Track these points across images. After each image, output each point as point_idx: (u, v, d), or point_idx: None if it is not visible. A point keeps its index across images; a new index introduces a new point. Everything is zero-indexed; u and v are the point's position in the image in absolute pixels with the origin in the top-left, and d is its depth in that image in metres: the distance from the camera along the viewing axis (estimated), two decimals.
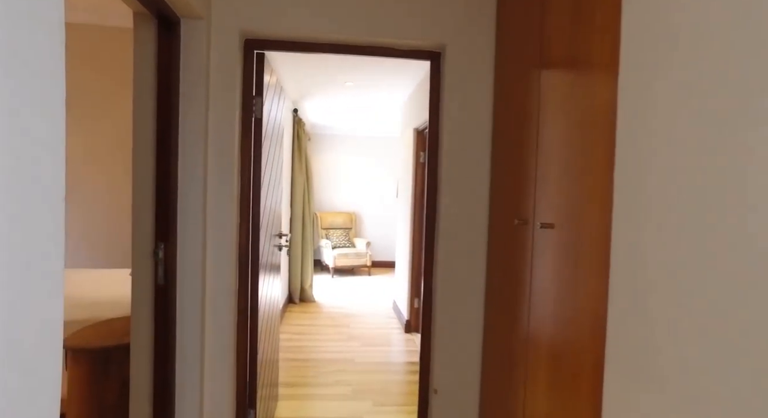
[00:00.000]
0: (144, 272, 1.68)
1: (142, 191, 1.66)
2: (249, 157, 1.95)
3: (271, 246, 2.55)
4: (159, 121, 1.65)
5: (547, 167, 1.45)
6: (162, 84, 1.65)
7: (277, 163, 2.59)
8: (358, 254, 7.24)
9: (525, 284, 1.58)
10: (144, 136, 1.65)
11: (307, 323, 4.71)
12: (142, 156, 1.66)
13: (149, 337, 1.72)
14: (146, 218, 1.66)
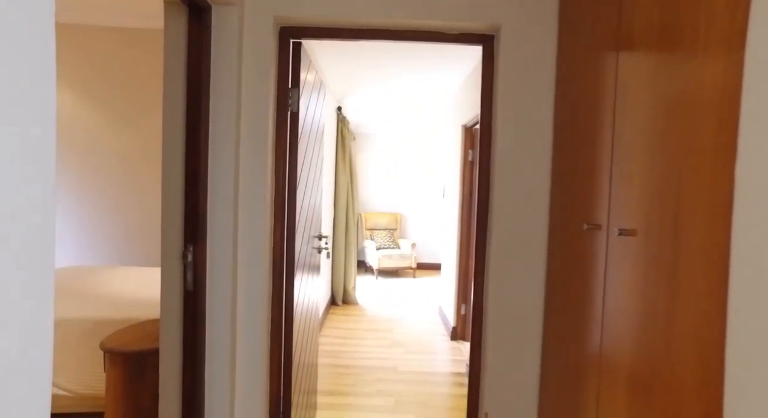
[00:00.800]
0: (173, 276, 1.59)
1: (171, 189, 1.57)
2: (284, 153, 1.82)
3: (310, 248, 2.42)
4: (189, 115, 1.55)
5: (626, 163, 1.21)
6: (192, 76, 1.55)
7: (316, 161, 2.46)
8: (403, 256, 7.07)
9: (596, 298, 1.34)
10: (174, 132, 1.56)
11: (349, 326, 4.59)
12: (171, 153, 1.57)
13: (178, 343, 1.63)
14: (175, 218, 1.57)
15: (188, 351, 1.63)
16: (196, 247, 1.57)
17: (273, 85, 1.77)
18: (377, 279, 7.00)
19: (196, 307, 1.61)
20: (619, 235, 1.15)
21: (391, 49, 3.35)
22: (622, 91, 1.25)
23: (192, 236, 1.56)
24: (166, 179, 1.57)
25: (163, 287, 1.60)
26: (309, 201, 2.28)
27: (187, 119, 1.55)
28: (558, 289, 1.72)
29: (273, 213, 1.82)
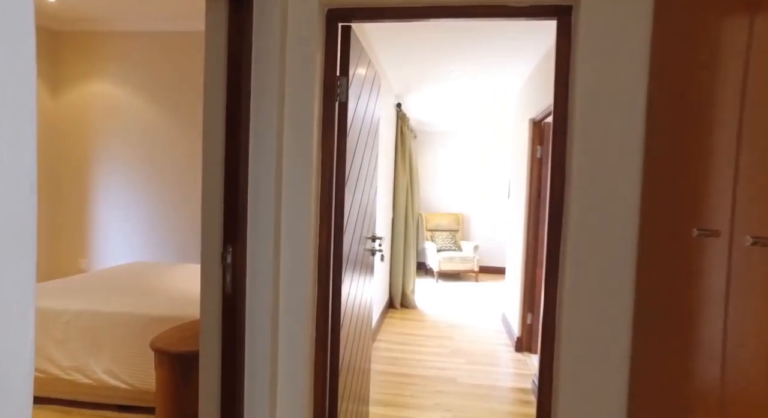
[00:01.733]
0: (212, 279, 1.49)
1: (211, 187, 1.47)
2: (331, 147, 1.67)
3: (362, 249, 2.27)
4: (229, 106, 1.44)
5: (760, 156, 0.91)
6: (232, 65, 1.44)
7: (369, 157, 2.30)
8: (465, 259, 6.76)
9: (712, 320, 1.05)
10: (214, 126, 1.46)
11: (407, 331, 4.40)
12: (211, 148, 1.47)
13: (217, 347, 1.53)
14: (214, 217, 1.47)
15: (228, 355, 1.53)
16: (236, 248, 1.46)
17: (319, 73, 1.62)
18: (437, 282, 6.76)
19: (236, 310, 1.50)
20: (752, 244, 0.86)
21: (452, 43, 3.12)
22: (758, 66, 0.95)
23: (231, 237, 1.46)
24: (206, 176, 1.48)
25: (203, 290, 1.51)
26: (361, 200, 2.13)
27: (227, 111, 1.44)
28: (652, 308, 1.41)
29: (319, 212, 1.68)
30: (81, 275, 3.37)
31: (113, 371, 2.46)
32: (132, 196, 4.76)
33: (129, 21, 4.59)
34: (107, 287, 2.94)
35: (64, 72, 4.84)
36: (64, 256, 4.91)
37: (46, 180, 4.84)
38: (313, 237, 1.65)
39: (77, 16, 4.58)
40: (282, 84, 1.53)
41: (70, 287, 2.95)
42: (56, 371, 2.51)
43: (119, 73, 4.73)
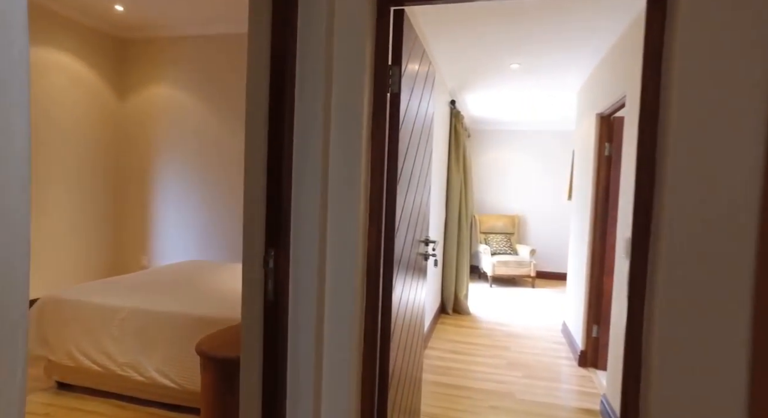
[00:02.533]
0: (254, 284, 1.39)
1: (253, 188, 1.37)
2: (382, 143, 1.53)
3: (414, 253, 2.11)
4: (272, 101, 1.33)
5: None
6: (276, 57, 1.33)
7: (423, 155, 2.14)
8: (521, 263, 6.42)
9: None
10: (256, 123, 1.36)
11: (460, 339, 4.19)
12: (253, 145, 1.37)
13: (258, 357, 1.43)
14: (256, 219, 1.37)
15: (269, 365, 1.43)
16: (278, 252, 1.36)
17: (369, 61, 1.48)
18: (491, 287, 6.46)
19: (278, 319, 1.39)
20: None
21: (512, 33, 2.88)
22: None
23: (274, 240, 1.35)
24: (248, 176, 1.38)
25: (244, 296, 1.41)
26: (414, 201, 1.97)
27: (270, 106, 1.33)
28: None
29: (368, 213, 1.54)
30: (139, 272, 3.47)
31: (163, 370, 2.46)
32: (188, 195, 4.89)
33: (186, 25, 4.71)
34: (161, 286, 2.98)
35: (130, 77, 5.06)
36: (127, 252, 5.13)
37: (112, 180, 5.08)
38: (362, 240, 1.51)
39: (142, 24, 4.76)
40: (329, 75, 1.41)
41: (128, 284, 3.01)
42: (113, 366, 2.56)
43: (177, 76, 4.88)
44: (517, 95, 5.09)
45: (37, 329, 2.73)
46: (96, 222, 4.90)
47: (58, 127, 4.49)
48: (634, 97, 2.51)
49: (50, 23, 4.36)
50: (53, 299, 2.73)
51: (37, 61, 4.27)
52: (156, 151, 4.97)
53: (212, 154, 4.79)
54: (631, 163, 2.53)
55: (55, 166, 4.46)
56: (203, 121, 4.81)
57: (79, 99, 4.69)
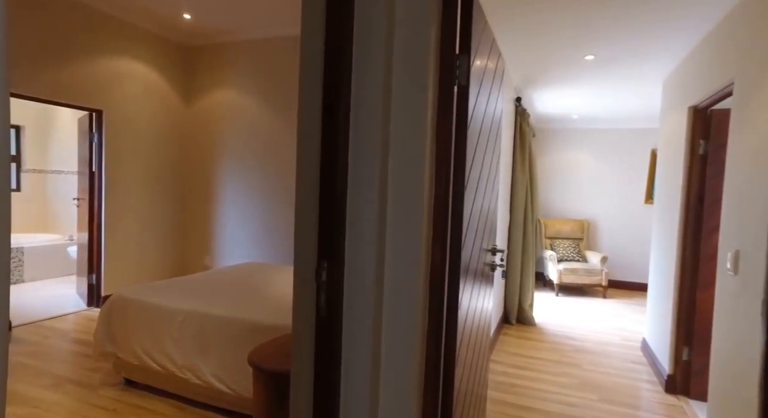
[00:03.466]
0: (305, 298, 1.27)
1: (305, 192, 1.25)
2: (448, 140, 1.35)
3: (481, 264, 1.91)
4: (326, 95, 1.20)
5: None
6: (331, 47, 1.20)
7: (492, 156, 1.94)
8: (590, 271, 5.94)
9: None
10: (309, 119, 1.23)
11: (525, 353, 3.90)
12: (305, 147, 1.25)
13: (309, 376, 1.31)
14: (308, 227, 1.24)
15: (321, 385, 1.30)
16: (332, 263, 1.22)
17: (434, 49, 1.31)
18: (557, 296, 6.04)
19: (331, 337, 1.26)
20: None
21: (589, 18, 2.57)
22: None
23: (327, 250, 1.22)
24: (300, 181, 1.26)
25: (295, 311, 1.30)
26: (482, 206, 1.77)
27: (324, 102, 1.20)
28: None
29: (432, 221, 1.37)
30: (200, 273, 3.52)
31: (219, 375, 2.43)
32: (250, 196, 4.96)
33: (247, 29, 4.78)
34: (219, 289, 2.98)
35: (196, 82, 5.24)
36: (192, 253, 5.31)
37: (179, 183, 5.28)
38: (425, 251, 1.35)
39: (206, 31, 4.90)
40: (388, 65, 1.26)
41: (188, 285, 3.05)
42: (172, 367, 2.57)
43: (239, 81, 4.97)
44: (589, 90, 4.69)
45: (107, 326, 2.82)
46: (164, 224, 5.11)
47: (133, 135, 4.72)
48: (749, 83, 2.13)
49: (126, 34, 4.58)
50: (120, 297, 2.81)
51: (117, 70, 4.51)
52: (219, 154, 5.10)
53: (273, 155, 4.83)
54: (743, 163, 2.16)
55: (129, 171, 4.69)
56: (264, 123, 4.87)
57: (151, 106, 4.91)
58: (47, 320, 4.12)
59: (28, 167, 6.27)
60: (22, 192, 6.24)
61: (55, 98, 4.04)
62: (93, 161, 4.43)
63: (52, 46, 3.98)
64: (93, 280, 4.48)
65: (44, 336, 3.74)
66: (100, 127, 4.42)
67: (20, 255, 5.45)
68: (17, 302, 4.60)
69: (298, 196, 1.27)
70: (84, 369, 3.12)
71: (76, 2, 4.13)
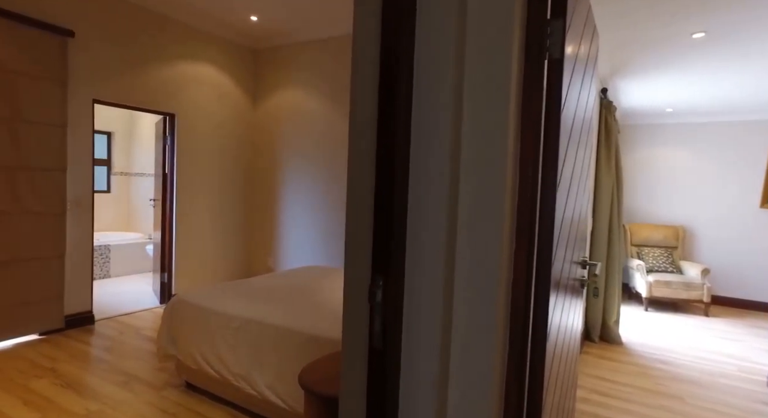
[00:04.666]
0: (356, 323, 1.05)
1: (357, 195, 1.03)
2: (536, 130, 1.07)
3: (570, 280, 1.58)
4: (384, 70, 0.97)
5: None
6: (390, 8, 0.97)
7: (584, 151, 1.60)
8: (688, 284, 5.21)
9: None
10: (363, 99, 1.01)
11: (609, 376, 3.42)
12: (358, 139, 1.02)
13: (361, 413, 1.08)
14: (361, 237, 1.02)
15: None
16: (389, 281, 0.99)
17: (519, 11, 1.03)
18: (646, 311, 5.37)
19: (386, 371, 1.02)
20: None
21: None
22: None
23: (383, 265, 0.99)
24: (352, 177, 1.04)
25: (345, 337, 1.08)
26: (573, 210, 1.46)
27: (381, 76, 0.97)
28: None
29: (515, 228, 1.09)
30: (260, 276, 3.46)
31: (274, 386, 2.30)
32: (312, 197, 4.89)
33: (313, 28, 4.71)
34: (277, 295, 2.87)
35: (262, 84, 5.28)
36: (257, 253, 5.35)
37: (244, 185, 5.34)
38: (506, 266, 1.07)
39: (272, 32, 4.91)
40: (460, 33, 1.00)
41: (246, 290, 2.97)
42: (228, 375, 2.48)
43: (303, 81, 4.92)
44: (692, 77, 4.08)
45: (169, 329, 2.81)
46: (231, 225, 5.19)
47: (202, 137, 4.84)
48: None
49: (198, 40, 4.70)
50: (180, 301, 2.78)
51: (189, 75, 4.64)
52: (282, 155, 5.09)
53: (337, 156, 4.72)
54: None
55: (198, 173, 4.81)
56: (329, 123, 4.78)
57: (221, 109, 5.01)
58: (124, 315, 4.30)
59: (116, 170, 6.72)
60: (112, 193, 6.70)
61: (135, 104, 4.22)
62: (166, 163, 4.58)
63: (132, 55, 4.16)
64: (165, 278, 4.63)
65: (120, 331, 3.88)
66: (173, 131, 4.56)
67: (107, 252, 5.82)
68: (102, 296, 4.87)
69: (349, 197, 1.05)
70: (152, 368, 3.15)
71: (154, 13, 4.29)
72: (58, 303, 3.72)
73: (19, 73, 3.39)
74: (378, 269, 1.00)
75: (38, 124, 3.52)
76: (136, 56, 4.19)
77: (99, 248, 5.68)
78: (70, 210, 3.80)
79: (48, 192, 3.60)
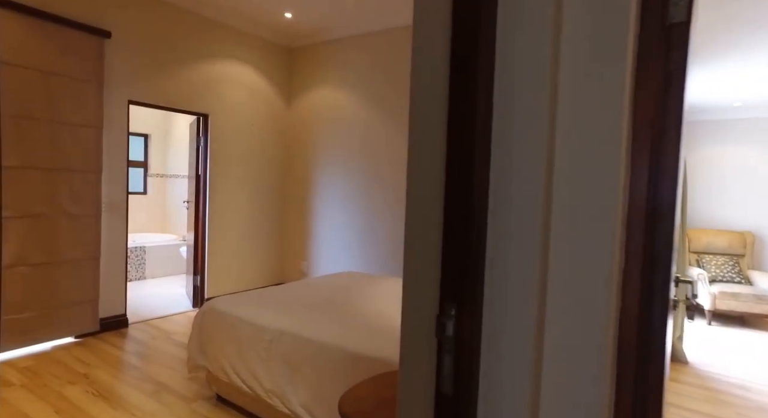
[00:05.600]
0: (417, 361, 0.82)
1: (421, 197, 0.80)
2: (659, 110, 0.81)
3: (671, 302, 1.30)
4: (456, 37, 0.74)
5: None
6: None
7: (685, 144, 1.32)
8: (760, 297, 4.72)
9: None
10: (428, 75, 0.79)
11: (679, 402, 3.05)
12: (422, 123, 0.80)
13: None
14: (425, 252, 0.80)
15: None
16: (463, 311, 0.76)
17: None
18: (710, 325, 4.89)
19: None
20: None
21: None
22: None
23: (455, 291, 0.76)
24: (414, 180, 0.82)
25: (403, 378, 0.85)
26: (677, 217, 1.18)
27: (453, 45, 0.75)
28: None
29: (625, 244, 0.84)
30: (293, 283, 3.29)
31: (310, 407, 2.10)
32: (348, 200, 4.71)
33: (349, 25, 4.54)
34: (313, 304, 2.68)
35: (296, 84, 5.15)
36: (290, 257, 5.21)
37: (278, 187, 5.22)
38: (614, 291, 0.82)
39: (307, 30, 4.77)
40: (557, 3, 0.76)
41: (280, 298, 2.80)
42: (260, 390, 2.31)
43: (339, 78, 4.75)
44: None
45: (199, 338, 2.68)
46: (264, 227, 5.08)
47: (236, 137, 4.74)
48: None
49: (232, 39, 4.61)
50: (210, 309, 2.64)
51: (222, 74, 4.55)
52: (316, 156, 4.94)
53: (372, 155, 4.52)
54: None
55: (231, 174, 4.71)
56: (364, 123, 4.58)
57: (254, 109, 4.91)
58: (157, 319, 4.24)
59: (152, 172, 6.77)
60: (148, 195, 6.75)
61: (169, 104, 4.16)
62: (199, 165, 4.51)
63: (167, 55, 4.10)
64: (198, 281, 4.56)
65: (153, 336, 3.81)
66: (206, 131, 4.48)
67: (143, 253, 5.84)
68: (136, 298, 4.85)
69: (409, 204, 0.83)
70: (182, 377, 3.04)
71: (188, 12, 4.22)
72: (93, 306, 3.68)
73: (56, 74, 3.37)
74: (449, 295, 0.77)
75: (75, 125, 3.49)
76: (170, 56, 4.13)
77: (135, 250, 5.70)
78: (105, 212, 3.75)
79: (83, 194, 3.56)
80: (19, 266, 3.26)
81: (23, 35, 3.20)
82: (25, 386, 2.81)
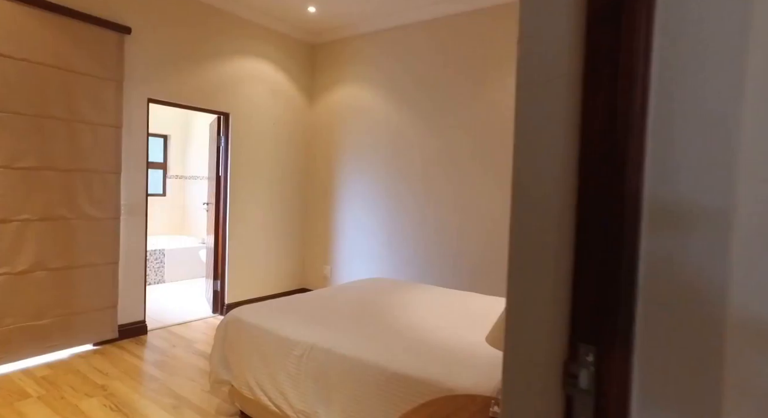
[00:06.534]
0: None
1: (538, 200, 0.60)
2: None
3: None
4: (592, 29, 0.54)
5: None
6: None
7: None
8: None
9: None
10: (551, 22, 0.58)
11: None
12: (538, 96, 0.59)
13: None
14: (542, 274, 0.59)
15: None
16: (605, 356, 0.55)
17: None
18: None
19: None
20: None
21: None
22: None
23: (593, 327, 0.55)
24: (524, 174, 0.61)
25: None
26: None
27: (588, 41, 0.54)
28: None
29: None
30: (320, 290, 3.10)
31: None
32: (373, 202, 4.51)
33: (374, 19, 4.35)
34: (344, 315, 2.49)
35: (320, 81, 4.98)
36: (312, 262, 5.03)
37: (300, 188, 5.05)
38: None
39: (331, 25, 4.60)
40: None
41: (308, 308, 2.61)
42: (288, 410, 2.12)
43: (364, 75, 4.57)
44: None
45: (222, 350, 2.50)
46: (286, 230, 4.92)
47: (257, 137, 4.59)
48: None
49: (254, 35, 4.47)
50: (235, 319, 2.46)
51: (244, 72, 4.40)
52: (341, 158, 4.75)
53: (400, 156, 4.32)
54: None
55: (252, 175, 4.56)
56: (390, 122, 4.38)
57: (276, 107, 4.75)
58: (176, 325, 4.10)
59: (171, 173, 6.68)
60: (167, 196, 6.66)
61: (190, 103, 4.02)
62: (220, 166, 4.37)
63: (187, 52, 3.96)
64: (218, 286, 4.41)
65: (172, 344, 3.66)
66: (227, 131, 4.34)
67: (162, 257, 5.73)
68: (156, 302, 4.73)
69: (514, 210, 0.62)
70: (203, 390, 2.87)
71: (209, 7, 4.09)
72: (112, 312, 3.55)
73: (75, 71, 3.25)
74: (585, 334, 0.56)
75: (94, 124, 3.37)
76: (191, 53, 3.99)
77: (154, 253, 5.60)
78: (124, 215, 3.62)
79: (102, 196, 3.44)
80: (37, 271, 3.14)
81: (41, 31, 3.08)
82: (42, 399, 2.68)
